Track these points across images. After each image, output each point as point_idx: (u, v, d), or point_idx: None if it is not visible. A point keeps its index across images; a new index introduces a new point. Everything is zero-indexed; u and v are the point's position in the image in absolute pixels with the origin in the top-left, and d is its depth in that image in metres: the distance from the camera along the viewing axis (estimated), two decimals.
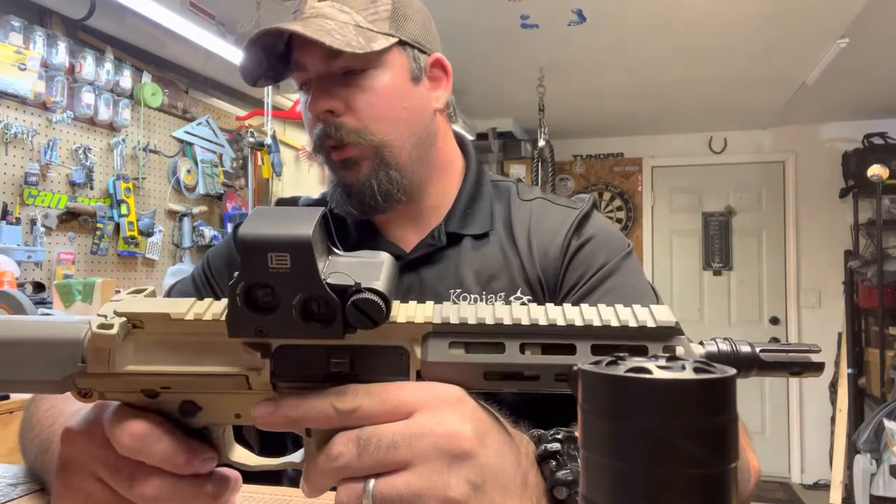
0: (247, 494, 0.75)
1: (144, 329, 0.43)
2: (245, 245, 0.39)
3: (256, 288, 0.40)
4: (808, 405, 4.76)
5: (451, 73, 0.90)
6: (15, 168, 2.39)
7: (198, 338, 0.42)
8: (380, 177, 0.81)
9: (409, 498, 0.37)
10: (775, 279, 4.91)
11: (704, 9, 2.76)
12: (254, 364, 0.42)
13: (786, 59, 3.33)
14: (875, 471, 3.26)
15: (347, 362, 0.41)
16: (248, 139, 3.36)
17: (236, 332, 0.41)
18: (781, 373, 0.41)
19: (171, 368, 0.42)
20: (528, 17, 2.85)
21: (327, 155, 0.82)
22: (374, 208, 0.82)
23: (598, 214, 0.91)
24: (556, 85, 3.63)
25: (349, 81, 0.80)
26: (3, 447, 1.64)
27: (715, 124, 4.85)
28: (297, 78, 0.84)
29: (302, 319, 0.40)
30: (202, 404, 0.44)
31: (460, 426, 0.39)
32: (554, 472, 0.45)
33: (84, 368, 0.43)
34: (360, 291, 0.39)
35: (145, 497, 0.42)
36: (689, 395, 0.28)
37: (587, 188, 5.28)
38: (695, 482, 0.27)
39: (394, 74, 0.82)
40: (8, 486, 0.76)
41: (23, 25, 2.35)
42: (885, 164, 3.93)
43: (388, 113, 0.81)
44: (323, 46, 0.76)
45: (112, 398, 0.44)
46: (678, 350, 0.40)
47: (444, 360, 0.41)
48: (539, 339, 0.41)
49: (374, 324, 0.40)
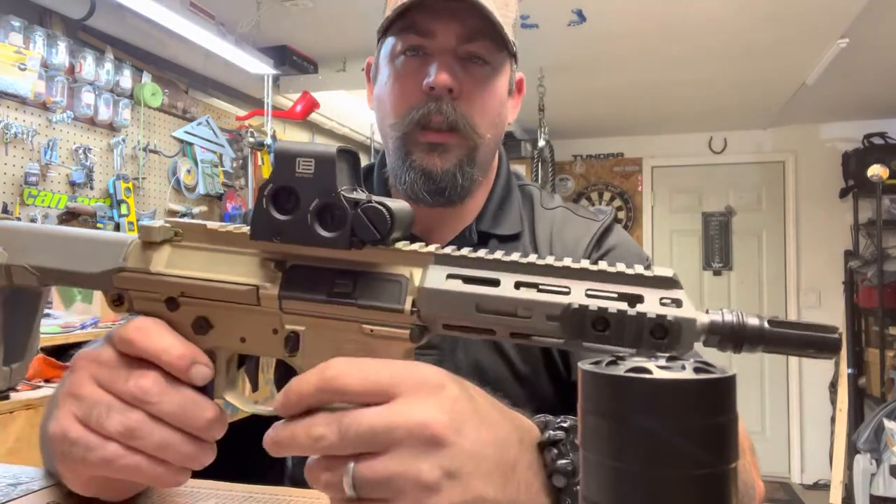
0: (246, 494, 0.75)
1: (183, 238, 0.48)
2: (278, 152, 0.44)
3: (282, 192, 0.44)
4: (808, 405, 4.76)
5: (524, 94, 0.92)
6: (15, 168, 2.39)
7: (225, 251, 0.47)
8: (465, 171, 0.80)
9: (386, 481, 0.39)
10: (775, 279, 4.91)
11: (704, 8, 2.76)
12: (268, 277, 0.46)
13: (786, 59, 3.33)
14: (875, 471, 3.26)
15: (350, 284, 0.44)
16: (248, 139, 3.36)
17: (258, 234, 0.45)
18: (791, 350, 0.39)
19: (196, 274, 0.47)
20: (528, 17, 2.85)
21: (414, 135, 0.78)
22: (448, 199, 0.80)
23: (619, 227, 0.91)
24: (556, 85, 3.63)
25: (471, 70, 0.79)
26: (3, 447, 1.64)
27: (715, 124, 4.86)
28: (409, 41, 0.78)
29: (316, 225, 0.43)
30: (214, 322, 0.47)
31: (436, 415, 0.40)
32: (554, 460, 0.45)
33: (123, 266, 0.48)
34: (369, 202, 0.43)
35: (140, 388, 0.44)
36: (689, 395, 0.28)
37: (587, 188, 5.28)
38: (695, 482, 0.27)
39: (503, 80, 0.83)
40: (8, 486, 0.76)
41: (23, 25, 2.35)
42: (885, 164, 3.94)
43: (492, 114, 0.81)
44: (475, 28, 0.75)
45: (139, 306, 0.48)
46: (678, 296, 0.39)
47: (439, 287, 0.42)
48: (535, 276, 0.42)
49: (378, 234, 0.42)
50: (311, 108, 3.45)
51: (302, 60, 3.23)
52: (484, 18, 0.75)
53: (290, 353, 0.46)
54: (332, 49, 3.21)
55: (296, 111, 3.45)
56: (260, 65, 2.88)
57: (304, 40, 3.14)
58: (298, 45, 3.18)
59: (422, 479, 0.39)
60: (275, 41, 3.06)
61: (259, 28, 2.78)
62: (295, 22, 2.88)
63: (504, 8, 0.80)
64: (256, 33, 2.82)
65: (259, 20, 2.73)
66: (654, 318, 0.38)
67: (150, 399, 0.44)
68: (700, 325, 0.39)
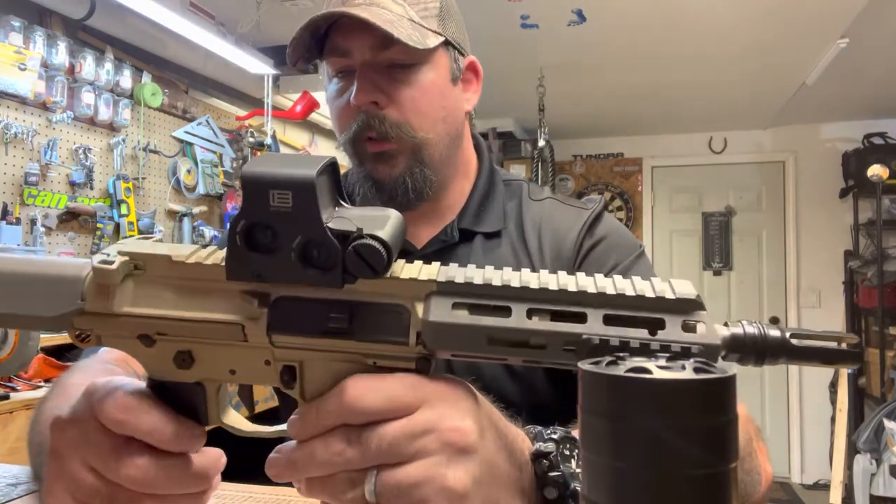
0: (246, 494, 0.75)
1: (146, 271, 0.42)
2: (247, 181, 0.38)
3: (257, 228, 0.39)
4: (808, 405, 4.76)
5: (482, 76, 0.91)
6: (15, 168, 2.39)
7: (198, 283, 0.42)
8: (414, 174, 0.80)
9: (409, 488, 0.38)
10: (775, 279, 4.91)
11: (705, 8, 2.76)
12: (251, 314, 0.41)
13: (786, 59, 3.33)
14: (875, 471, 3.26)
15: (346, 318, 0.40)
16: (248, 139, 3.36)
17: (235, 275, 0.40)
18: (813, 361, 0.38)
19: (169, 312, 0.41)
20: (528, 17, 2.85)
21: (361, 146, 0.80)
22: (403, 205, 0.81)
23: (609, 215, 0.91)
24: (556, 85, 3.63)
25: (394, 75, 0.79)
26: (3, 447, 1.64)
27: (715, 124, 4.85)
28: (335, 64, 0.82)
29: (301, 264, 0.39)
30: (197, 356, 0.42)
31: (461, 421, 0.39)
32: (546, 471, 0.45)
33: (83, 307, 0.42)
34: (361, 237, 0.38)
35: (132, 478, 0.42)
36: (689, 395, 0.28)
37: (587, 188, 5.28)
38: (695, 482, 0.27)
39: (438, 73, 0.82)
40: (8, 486, 0.76)
41: (23, 25, 2.35)
42: (885, 164, 3.93)
43: (430, 111, 0.81)
44: (385, 36, 0.74)
45: (108, 344, 0.43)
46: (699, 327, 0.37)
47: (446, 321, 0.39)
48: (548, 304, 0.38)
49: (373, 272, 0.38)
50: (311, 108, 3.45)
51: None
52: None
53: (287, 386, 0.42)
54: None
55: (296, 111, 3.45)
56: (260, 65, 2.88)
57: None
58: None
59: (448, 485, 0.38)
60: (275, 41, 3.06)
61: (259, 28, 2.78)
62: (295, 22, 2.82)
63: (422, 1, 0.80)
64: (256, 33, 2.82)
65: (259, 20, 2.73)
66: (678, 351, 0.35)
67: (150, 485, 0.42)
68: (722, 342, 0.37)
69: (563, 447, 0.47)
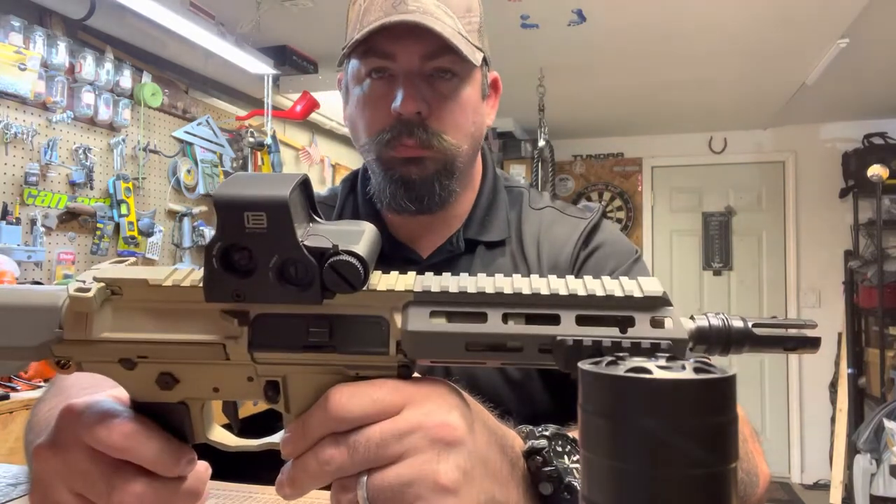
0: (246, 494, 0.75)
1: (123, 296, 0.42)
2: (221, 205, 0.38)
3: (233, 250, 0.39)
4: (808, 405, 4.76)
5: (501, 92, 0.92)
6: (15, 168, 2.39)
7: (176, 305, 0.42)
8: (442, 183, 0.81)
9: (401, 488, 0.38)
10: (775, 279, 4.91)
11: (705, 9, 2.77)
12: (232, 332, 0.41)
13: (786, 59, 3.33)
14: (875, 471, 3.26)
15: (326, 332, 0.41)
16: (248, 139, 3.36)
17: (213, 297, 0.40)
18: (775, 349, 0.40)
19: (149, 336, 0.42)
20: (528, 17, 2.85)
21: (391, 150, 0.79)
22: (428, 207, 0.81)
23: (608, 223, 0.91)
24: (556, 85, 3.63)
25: (438, 86, 0.79)
26: (4, 447, 1.64)
27: (715, 124, 4.85)
28: (371, 64, 0.79)
29: (279, 283, 0.39)
30: (180, 376, 0.43)
31: (447, 416, 0.40)
32: (540, 467, 0.46)
33: (61, 335, 0.42)
34: (337, 254, 0.39)
35: (136, 497, 0.41)
36: (689, 395, 0.28)
37: (587, 188, 5.28)
38: (695, 482, 0.27)
39: (474, 88, 0.83)
40: (8, 485, 0.76)
41: (23, 25, 2.35)
42: (885, 164, 3.94)
43: (465, 124, 0.81)
44: (442, 46, 0.74)
45: (89, 369, 0.43)
46: (667, 322, 0.39)
47: (424, 330, 0.40)
48: (522, 308, 0.40)
49: (351, 287, 0.39)
50: (311, 108, 3.45)
51: (302, 60, 3.23)
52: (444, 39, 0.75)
53: (272, 401, 0.43)
54: (332, 49, 3.21)
55: (296, 111, 3.45)
56: (260, 65, 2.88)
57: (304, 40, 3.14)
58: (298, 45, 3.18)
59: (440, 481, 0.38)
60: (275, 41, 3.06)
61: (259, 28, 2.78)
62: (295, 22, 2.88)
63: (467, 14, 0.80)
64: (256, 33, 2.83)
65: (259, 20, 2.73)
66: (648, 347, 0.38)
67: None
68: (689, 335, 0.39)
69: (556, 443, 0.47)
